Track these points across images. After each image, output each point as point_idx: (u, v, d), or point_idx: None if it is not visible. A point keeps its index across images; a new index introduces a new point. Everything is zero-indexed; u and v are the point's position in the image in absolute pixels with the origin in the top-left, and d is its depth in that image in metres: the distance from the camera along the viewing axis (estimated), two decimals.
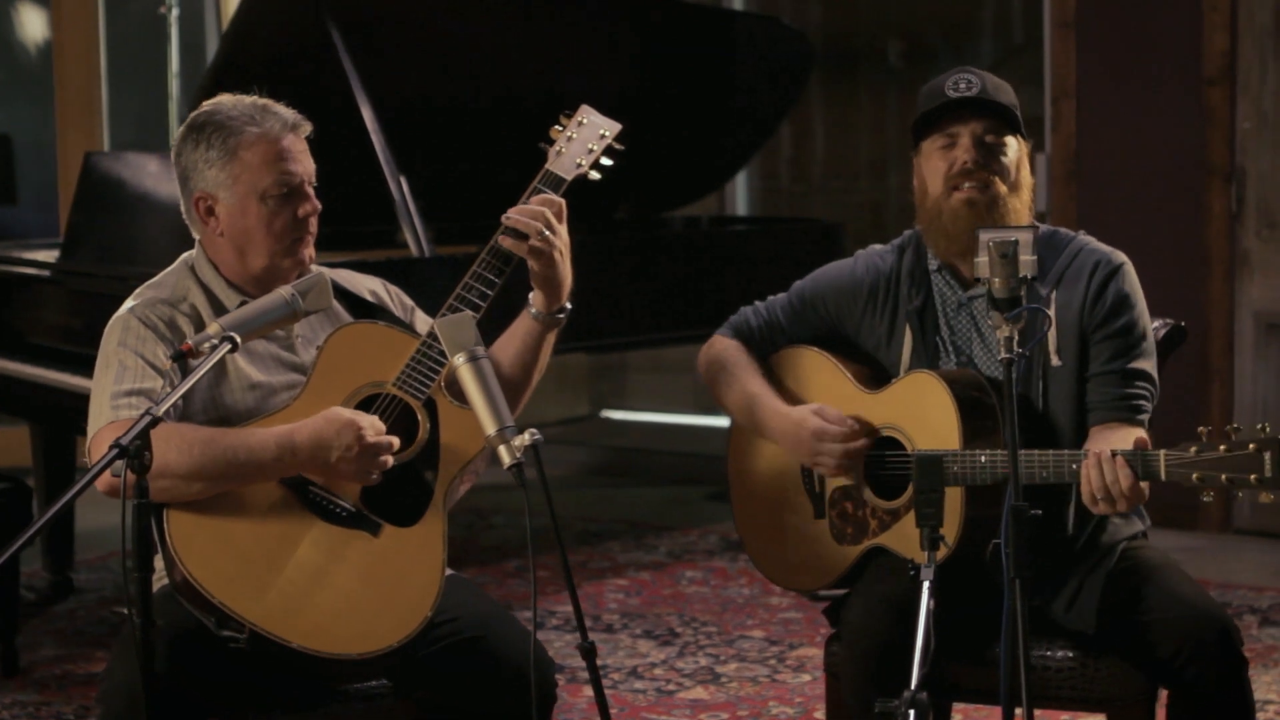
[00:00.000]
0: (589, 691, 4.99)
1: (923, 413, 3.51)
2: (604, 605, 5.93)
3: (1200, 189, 6.73)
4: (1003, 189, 3.50)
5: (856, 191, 8.51)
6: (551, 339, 3.49)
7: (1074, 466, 3.28)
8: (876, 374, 3.66)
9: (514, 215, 3.37)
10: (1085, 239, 3.59)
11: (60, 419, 5.82)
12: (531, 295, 3.44)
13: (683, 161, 7.07)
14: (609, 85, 6.35)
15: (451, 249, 5.72)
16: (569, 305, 3.46)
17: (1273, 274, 6.67)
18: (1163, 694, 3.46)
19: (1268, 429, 3.14)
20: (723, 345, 3.80)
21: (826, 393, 3.67)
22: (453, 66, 6.16)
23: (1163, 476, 3.21)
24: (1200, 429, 3.20)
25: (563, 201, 3.41)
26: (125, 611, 5.50)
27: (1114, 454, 3.22)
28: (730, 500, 3.87)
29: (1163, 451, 3.22)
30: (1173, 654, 3.30)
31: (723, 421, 8.81)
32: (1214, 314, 6.67)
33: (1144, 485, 3.24)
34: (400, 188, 5.52)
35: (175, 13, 7.85)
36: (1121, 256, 3.56)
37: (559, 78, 6.24)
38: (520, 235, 3.36)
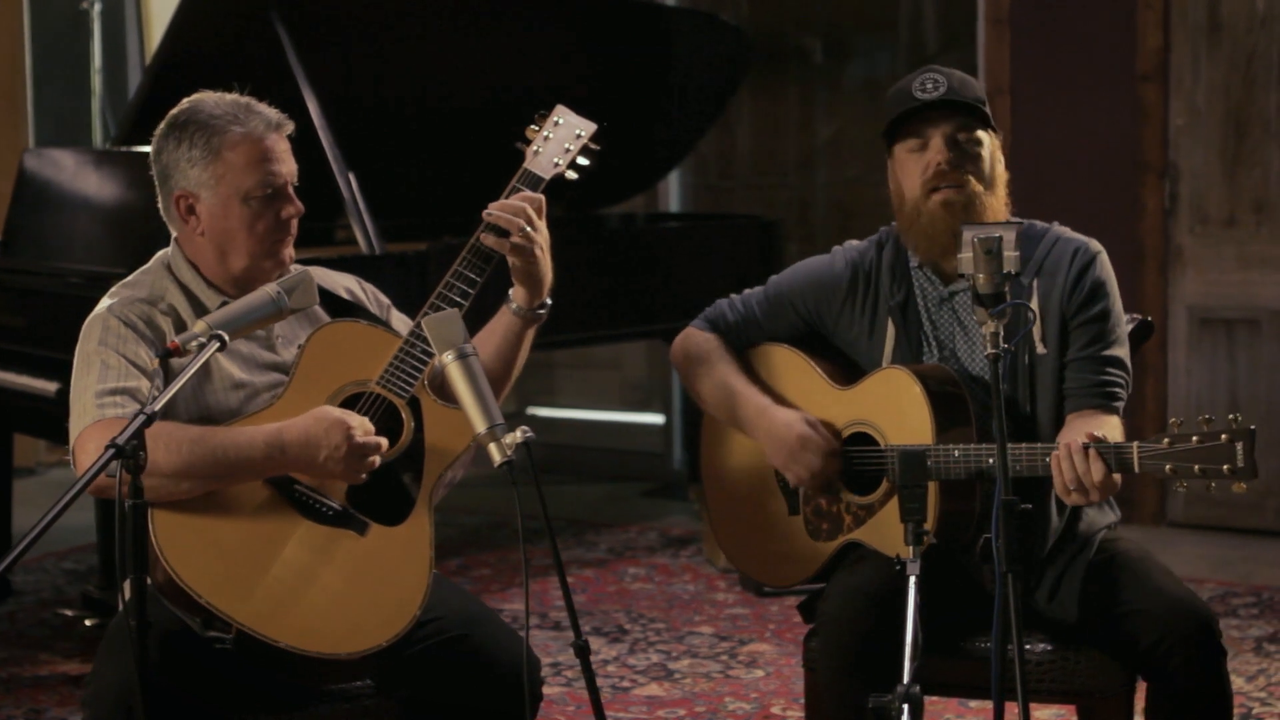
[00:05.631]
0: (548, 689, 4.97)
1: (895, 408, 3.52)
2: (550, 603, 5.91)
3: (1134, 185, 6.80)
4: (979, 188, 3.52)
5: (785, 188, 8.52)
6: (531, 334, 3.50)
7: (1046, 460, 3.30)
8: (849, 372, 3.66)
9: (495, 212, 3.36)
10: (1060, 229, 3.62)
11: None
12: (512, 291, 3.43)
13: (619, 157, 7.03)
14: (546, 81, 6.33)
15: (400, 246, 5.68)
16: (549, 301, 3.46)
17: (1206, 269, 6.75)
18: (1140, 687, 3.50)
19: (1239, 419, 3.18)
20: (701, 338, 3.80)
21: (800, 390, 3.68)
22: (392, 62, 6.13)
23: (1136, 468, 3.24)
24: (1172, 420, 3.23)
25: (543, 198, 3.40)
26: (69, 613, 5.51)
27: (1085, 446, 3.25)
28: (703, 495, 3.87)
29: (1136, 444, 3.24)
30: (1154, 645, 3.32)
31: (653, 419, 8.87)
32: (1148, 309, 6.72)
33: (1116, 476, 3.27)
34: (349, 185, 5.48)
35: (98, 8, 7.77)
36: (1097, 245, 3.60)
37: (498, 75, 6.22)
38: (502, 232, 3.34)
